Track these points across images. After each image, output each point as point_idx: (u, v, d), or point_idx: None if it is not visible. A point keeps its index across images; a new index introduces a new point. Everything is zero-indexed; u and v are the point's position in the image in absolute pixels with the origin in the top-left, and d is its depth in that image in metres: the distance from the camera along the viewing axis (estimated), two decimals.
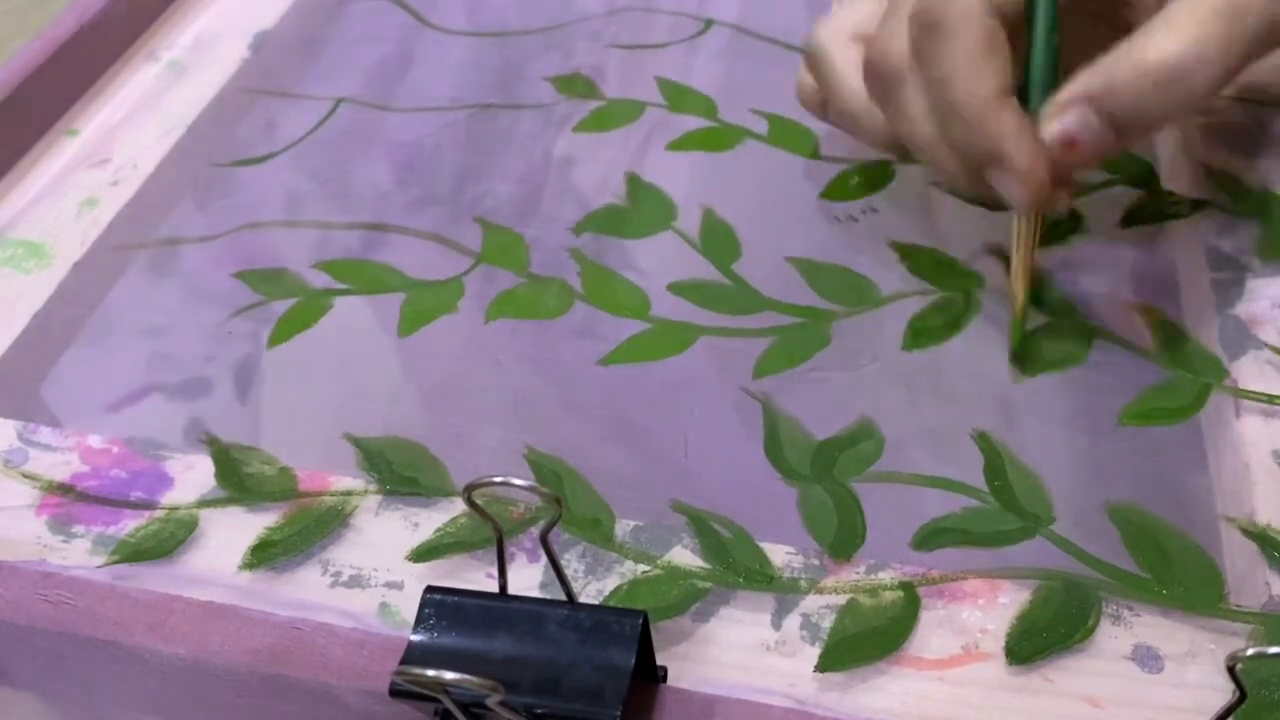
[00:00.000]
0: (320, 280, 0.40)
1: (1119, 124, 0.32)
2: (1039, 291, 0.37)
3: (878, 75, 0.36)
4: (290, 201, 0.44)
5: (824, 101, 0.41)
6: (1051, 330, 0.36)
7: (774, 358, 0.36)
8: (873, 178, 0.42)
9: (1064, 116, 0.33)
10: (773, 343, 0.37)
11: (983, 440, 0.33)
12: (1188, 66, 0.31)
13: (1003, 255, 0.39)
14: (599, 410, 0.35)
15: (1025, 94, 0.34)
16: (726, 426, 0.34)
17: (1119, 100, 0.32)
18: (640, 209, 0.42)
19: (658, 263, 0.40)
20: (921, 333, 0.37)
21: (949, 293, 0.38)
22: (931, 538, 0.31)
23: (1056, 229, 0.40)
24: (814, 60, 0.40)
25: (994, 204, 0.37)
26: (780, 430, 0.34)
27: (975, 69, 0.33)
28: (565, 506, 0.32)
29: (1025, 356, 0.36)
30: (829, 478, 0.32)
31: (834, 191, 0.42)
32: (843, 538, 0.31)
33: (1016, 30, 0.34)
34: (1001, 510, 0.31)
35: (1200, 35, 0.31)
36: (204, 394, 0.37)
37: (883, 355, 0.36)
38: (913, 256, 0.39)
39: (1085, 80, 0.32)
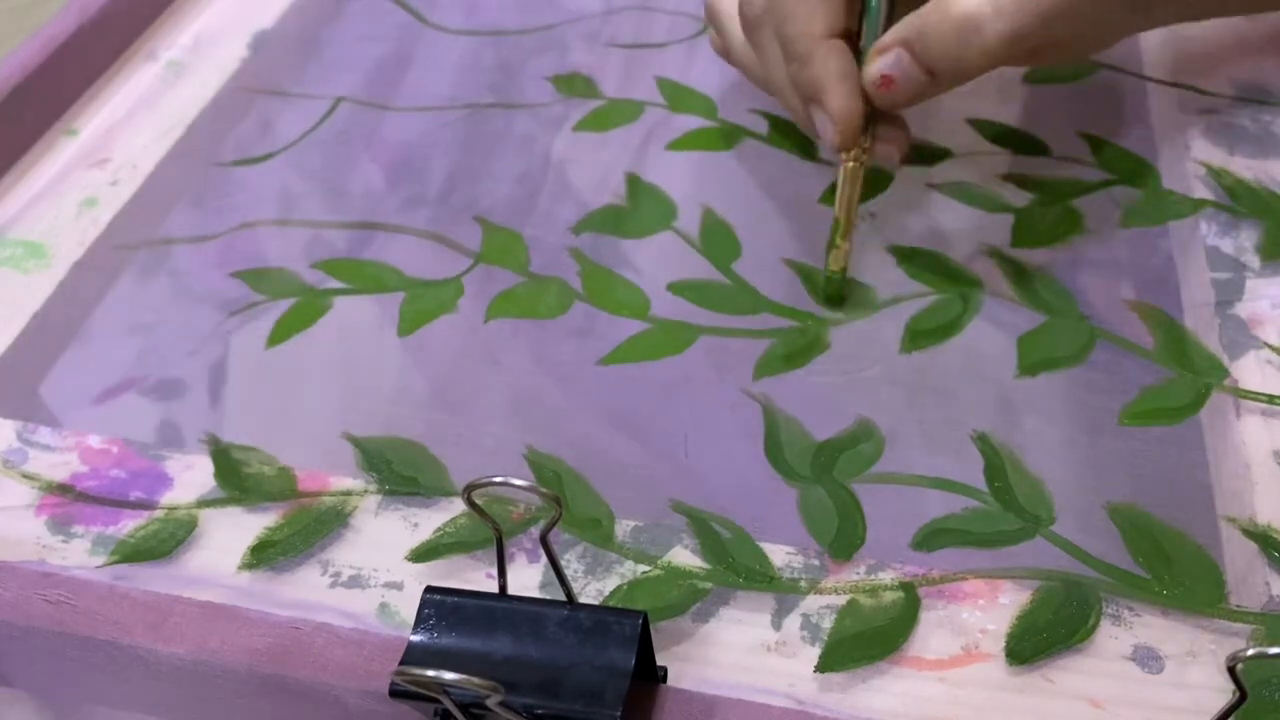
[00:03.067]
0: (319, 280, 0.40)
1: (929, 68, 0.36)
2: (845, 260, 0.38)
3: (744, 19, 0.39)
4: (289, 201, 0.43)
5: (724, 48, 0.44)
6: (1052, 330, 0.36)
7: (774, 358, 0.36)
8: (871, 180, 0.42)
9: (882, 59, 0.36)
10: (772, 343, 0.36)
11: (983, 441, 0.33)
12: (983, 20, 0.34)
13: (999, 255, 0.39)
14: (599, 410, 0.35)
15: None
16: (726, 427, 0.34)
17: (927, 46, 0.35)
18: (640, 209, 0.42)
19: (657, 263, 0.40)
20: (920, 334, 0.37)
21: (947, 295, 0.38)
22: (932, 538, 0.31)
23: (1057, 229, 0.40)
24: (709, 9, 0.44)
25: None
26: (780, 431, 0.34)
27: (810, 9, 0.36)
28: (565, 507, 0.32)
29: (834, 300, 0.37)
30: (829, 478, 0.32)
31: (833, 195, 0.42)
32: (843, 538, 0.31)
33: None
34: (1002, 511, 0.31)
35: None
36: (204, 393, 0.37)
37: (882, 358, 0.36)
38: (911, 259, 0.39)
39: (902, 27, 0.36)
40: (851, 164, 0.37)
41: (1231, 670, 0.22)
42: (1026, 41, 0.35)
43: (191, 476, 0.33)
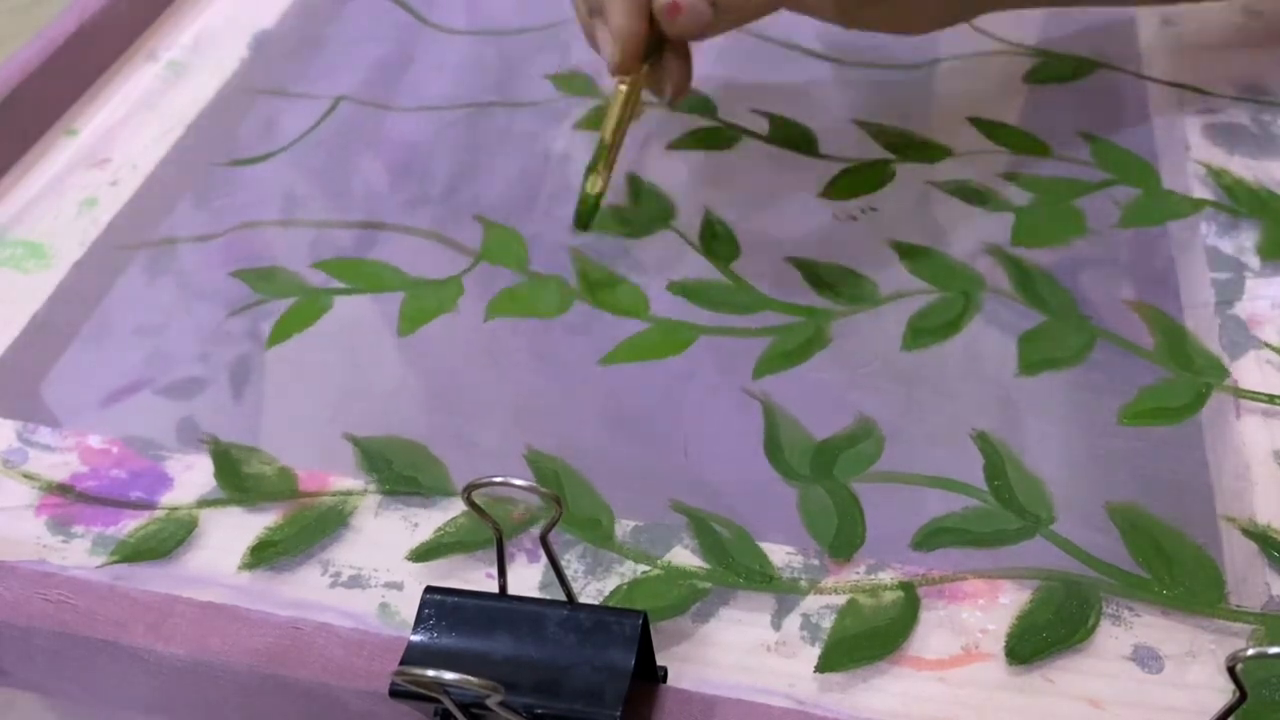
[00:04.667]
0: (320, 279, 0.40)
1: (715, 2, 0.36)
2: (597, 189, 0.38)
3: None
4: (290, 200, 0.43)
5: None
6: (1052, 330, 0.36)
7: (773, 357, 0.36)
8: (872, 177, 0.42)
9: None
10: (772, 342, 0.36)
11: (982, 440, 0.33)
12: None
13: (1000, 254, 0.39)
14: (599, 410, 0.35)
15: None
16: (726, 426, 0.34)
17: None
18: (639, 208, 0.42)
19: (658, 262, 0.40)
20: (921, 332, 0.37)
21: (948, 293, 0.38)
22: (932, 537, 0.31)
23: (1057, 229, 0.40)
24: None
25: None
26: (780, 430, 0.34)
27: None
28: (565, 507, 0.32)
29: (583, 224, 0.37)
30: (829, 478, 0.32)
31: (834, 191, 0.42)
32: (843, 538, 0.31)
33: None
34: (1001, 510, 0.31)
35: None
36: (203, 394, 0.37)
37: (882, 355, 0.36)
38: (912, 256, 0.39)
39: None
40: (624, 88, 0.36)
41: (1231, 670, 0.22)
42: None
43: (191, 476, 0.33)
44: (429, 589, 0.26)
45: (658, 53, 0.37)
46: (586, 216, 0.37)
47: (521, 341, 0.37)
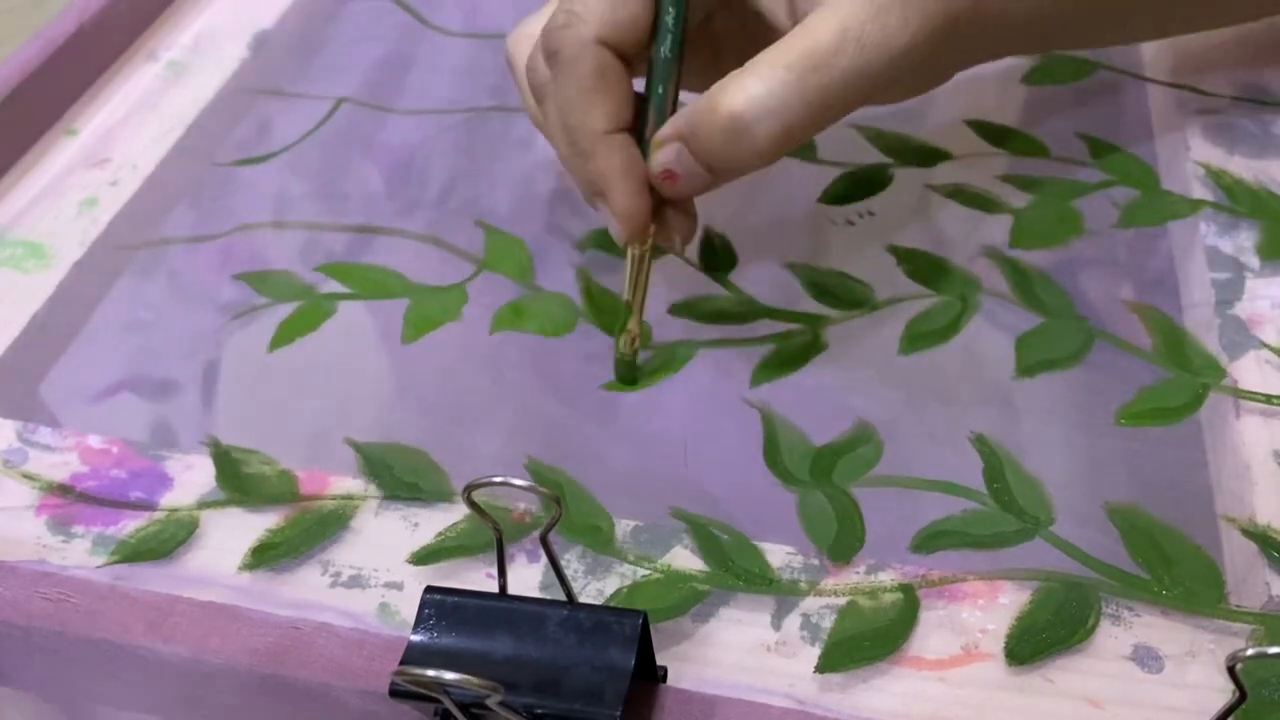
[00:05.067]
0: (323, 283, 0.40)
1: (706, 165, 0.33)
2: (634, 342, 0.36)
3: (531, 87, 0.36)
4: (290, 202, 0.43)
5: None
6: (1049, 332, 0.36)
7: (772, 364, 0.36)
8: (870, 181, 0.42)
9: (663, 152, 0.34)
10: (770, 349, 0.36)
11: (981, 443, 0.33)
12: (751, 120, 0.32)
13: (998, 256, 0.39)
14: (600, 421, 0.35)
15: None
16: (726, 435, 0.34)
17: (700, 144, 0.33)
18: None
19: (659, 282, 0.39)
20: (919, 336, 0.37)
21: (946, 296, 0.38)
22: (931, 540, 0.31)
23: (1055, 231, 0.40)
24: (506, 58, 0.40)
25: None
26: (779, 436, 0.34)
27: (587, 103, 0.33)
28: (565, 508, 0.32)
29: (626, 380, 0.36)
30: (828, 483, 0.32)
31: (831, 195, 0.42)
32: (842, 542, 0.31)
33: (643, 54, 0.34)
34: (1000, 512, 0.31)
35: (766, 90, 0.32)
36: (203, 395, 0.37)
37: (880, 359, 0.36)
38: (910, 260, 0.39)
39: (678, 120, 0.33)
40: (638, 253, 0.35)
41: (1231, 670, 0.22)
42: (802, 136, 0.33)
43: (192, 477, 0.33)
44: (429, 589, 0.26)
45: (660, 210, 0.35)
46: (629, 374, 0.36)
47: (525, 354, 0.37)
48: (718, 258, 0.40)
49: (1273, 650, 0.21)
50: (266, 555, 0.31)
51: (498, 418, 0.36)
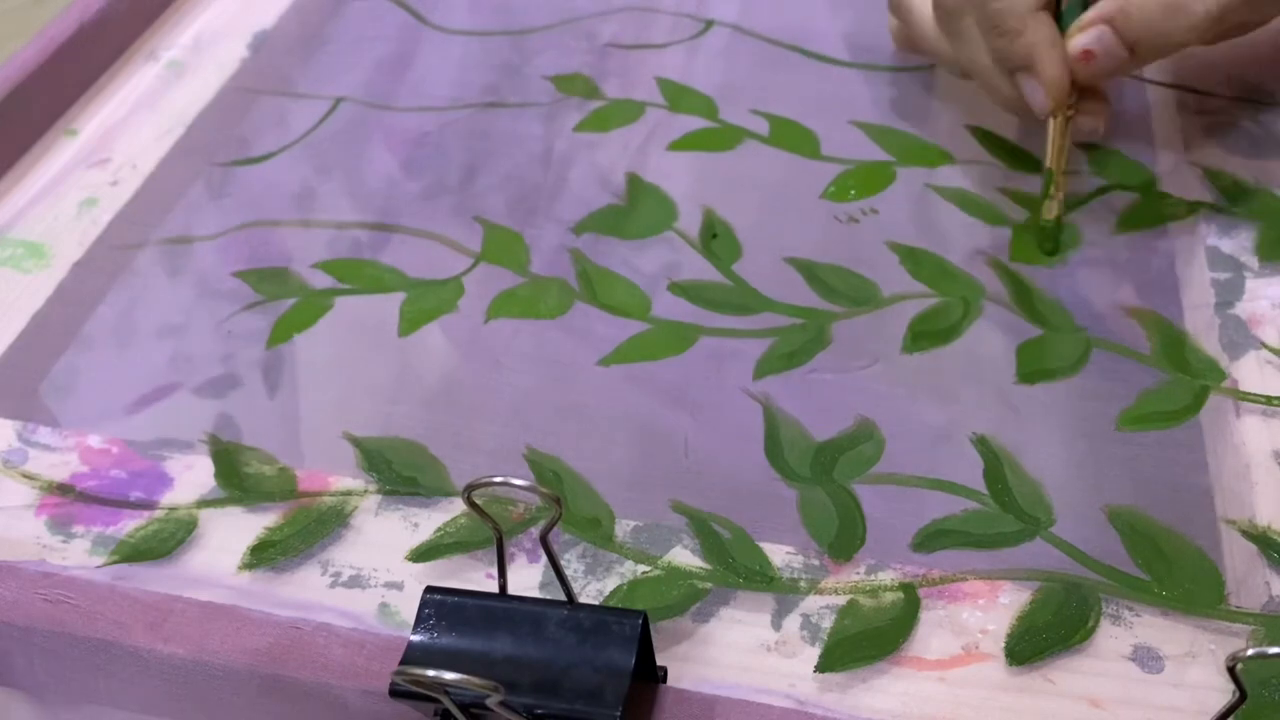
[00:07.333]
0: (320, 280, 0.40)
1: (1131, 43, 0.38)
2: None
3: (941, 8, 0.41)
4: (290, 201, 0.43)
5: (909, 37, 0.46)
6: (1049, 343, 0.36)
7: (774, 358, 0.36)
8: (873, 179, 0.42)
9: (1085, 34, 0.38)
10: (773, 343, 0.36)
11: (982, 444, 0.33)
12: None
13: (999, 266, 0.39)
14: (599, 410, 0.35)
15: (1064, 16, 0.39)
16: (727, 427, 0.34)
17: (1131, 23, 0.37)
18: (640, 209, 0.42)
19: (658, 263, 0.40)
20: (921, 335, 0.37)
21: (949, 297, 0.38)
22: (931, 539, 0.31)
23: (1057, 239, 0.40)
24: (896, 2, 0.45)
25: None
26: (780, 432, 0.34)
27: None
28: (565, 506, 0.32)
29: (1049, 248, 0.39)
30: (829, 479, 0.32)
31: (835, 192, 0.42)
32: (843, 539, 0.31)
33: None
34: (1001, 512, 0.31)
35: None
36: (202, 393, 0.37)
37: (883, 357, 0.36)
38: (913, 259, 0.39)
39: (1106, 3, 0.38)
40: (1060, 118, 0.39)
41: (1231, 670, 0.22)
42: (1231, 17, 0.36)
43: (191, 476, 0.33)
44: (429, 589, 0.26)
45: (1074, 90, 0.39)
46: (1052, 242, 0.39)
47: (522, 342, 0.37)
48: (720, 244, 0.40)
49: (1273, 650, 0.21)
50: (266, 553, 0.31)
51: (496, 408, 0.36)
